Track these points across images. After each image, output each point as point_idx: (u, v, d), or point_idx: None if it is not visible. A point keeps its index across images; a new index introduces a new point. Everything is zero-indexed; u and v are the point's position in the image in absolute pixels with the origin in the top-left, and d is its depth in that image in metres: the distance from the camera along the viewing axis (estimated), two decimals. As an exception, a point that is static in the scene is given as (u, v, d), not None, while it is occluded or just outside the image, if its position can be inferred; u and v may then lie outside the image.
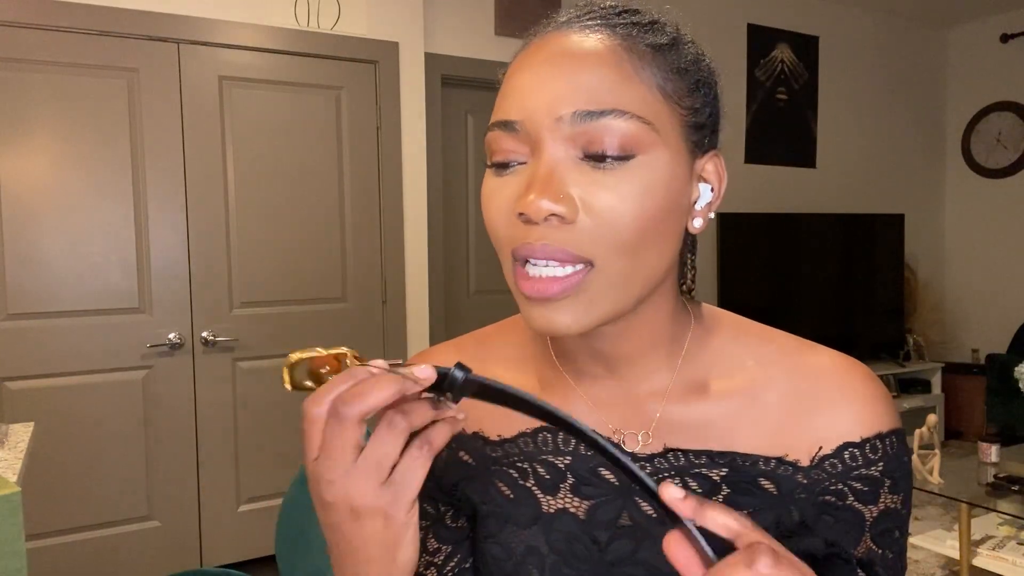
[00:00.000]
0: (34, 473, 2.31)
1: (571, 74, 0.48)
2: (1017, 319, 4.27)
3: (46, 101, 2.33)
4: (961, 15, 4.42)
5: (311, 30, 2.66)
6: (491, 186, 0.51)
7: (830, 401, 0.55)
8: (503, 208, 0.50)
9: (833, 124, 4.18)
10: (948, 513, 2.92)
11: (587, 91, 0.48)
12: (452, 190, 3.16)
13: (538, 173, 0.48)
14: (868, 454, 0.54)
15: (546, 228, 0.47)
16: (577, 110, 0.47)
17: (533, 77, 0.49)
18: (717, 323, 0.60)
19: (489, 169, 0.52)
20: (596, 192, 0.47)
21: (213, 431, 2.60)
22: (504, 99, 0.51)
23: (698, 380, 0.57)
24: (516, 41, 0.55)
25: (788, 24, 3.99)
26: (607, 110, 0.47)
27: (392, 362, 0.44)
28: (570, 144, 0.48)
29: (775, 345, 0.58)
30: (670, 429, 0.56)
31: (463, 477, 0.60)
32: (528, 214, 0.47)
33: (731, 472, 0.54)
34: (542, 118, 0.48)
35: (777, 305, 3.80)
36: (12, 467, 1.41)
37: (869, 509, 0.54)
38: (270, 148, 2.65)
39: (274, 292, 2.68)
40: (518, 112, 0.49)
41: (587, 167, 0.48)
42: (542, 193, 0.47)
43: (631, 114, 0.48)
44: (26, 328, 2.34)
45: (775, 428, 0.55)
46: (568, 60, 0.49)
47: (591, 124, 0.47)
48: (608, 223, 0.47)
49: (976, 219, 4.59)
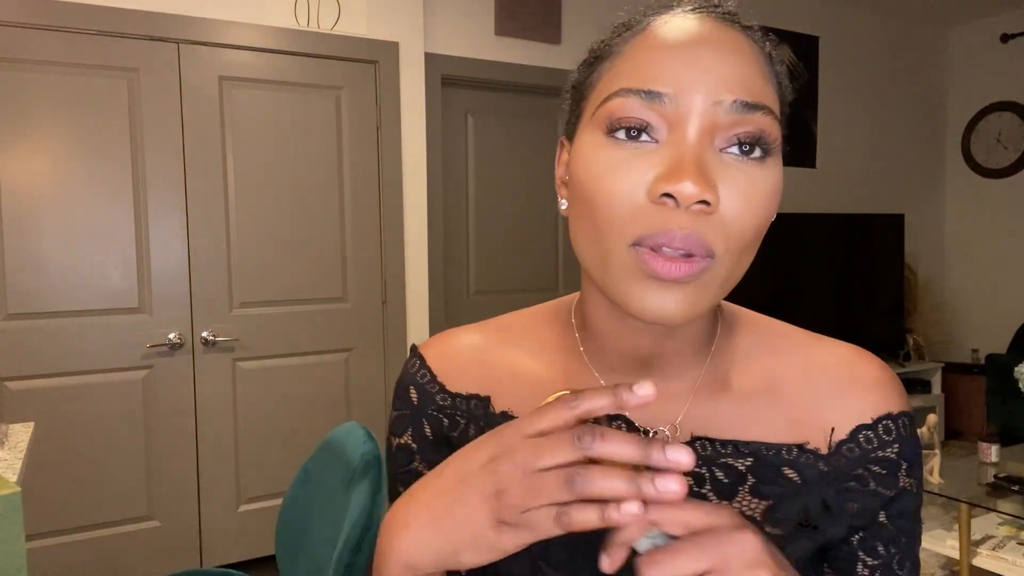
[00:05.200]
0: (34, 473, 2.31)
1: (734, 62, 0.48)
2: (1017, 319, 4.27)
3: (46, 101, 2.33)
4: (961, 15, 4.42)
5: (311, 30, 2.66)
6: (612, 158, 0.48)
7: (841, 388, 0.56)
8: (628, 186, 0.47)
9: (833, 124, 4.18)
10: (948, 513, 2.92)
11: (748, 82, 0.47)
12: (452, 190, 3.16)
13: (686, 156, 0.46)
14: (882, 435, 0.55)
15: (687, 215, 0.46)
16: (738, 99, 0.47)
17: (688, 56, 0.47)
18: (738, 321, 0.61)
19: (605, 136, 0.49)
20: (736, 185, 0.47)
21: (213, 431, 2.60)
22: (646, 68, 0.48)
23: (723, 376, 0.58)
24: (516, 41, 0.55)
25: (788, 24, 3.99)
26: (761, 104, 0.47)
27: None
28: (715, 131, 0.47)
29: (791, 340, 0.60)
30: (697, 423, 0.57)
31: None
32: (679, 198, 0.45)
33: (756, 462, 0.55)
34: (697, 97, 0.46)
35: (777, 305, 3.80)
36: (12, 467, 1.41)
37: (890, 493, 0.55)
38: (270, 148, 2.65)
39: (274, 292, 2.68)
40: (670, 84, 0.47)
41: (729, 158, 0.47)
42: (697, 179, 0.45)
43: (776, 115, 0.48)
44: (26, 328, 2.34)
45: (794, 419, 0.56)
46: (728, 48, 0.48)
47: (745, 116, 0.47)
48: (739, 218, 0.47)
49: (976, 219, 4.59)
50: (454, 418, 0.61)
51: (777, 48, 0.54)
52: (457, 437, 0.61)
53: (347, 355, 2.82)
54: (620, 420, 0.57)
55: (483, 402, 0.61)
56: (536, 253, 3.36)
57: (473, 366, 0.62)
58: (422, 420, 0.62)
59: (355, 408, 2.83)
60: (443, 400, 0.62)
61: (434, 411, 0.62)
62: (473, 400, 0.61)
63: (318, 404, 2.75)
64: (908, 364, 4.19)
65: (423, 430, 0.62)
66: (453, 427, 0.61)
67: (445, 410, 0.62)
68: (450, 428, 0.61)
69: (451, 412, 0.62)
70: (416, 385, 0.63)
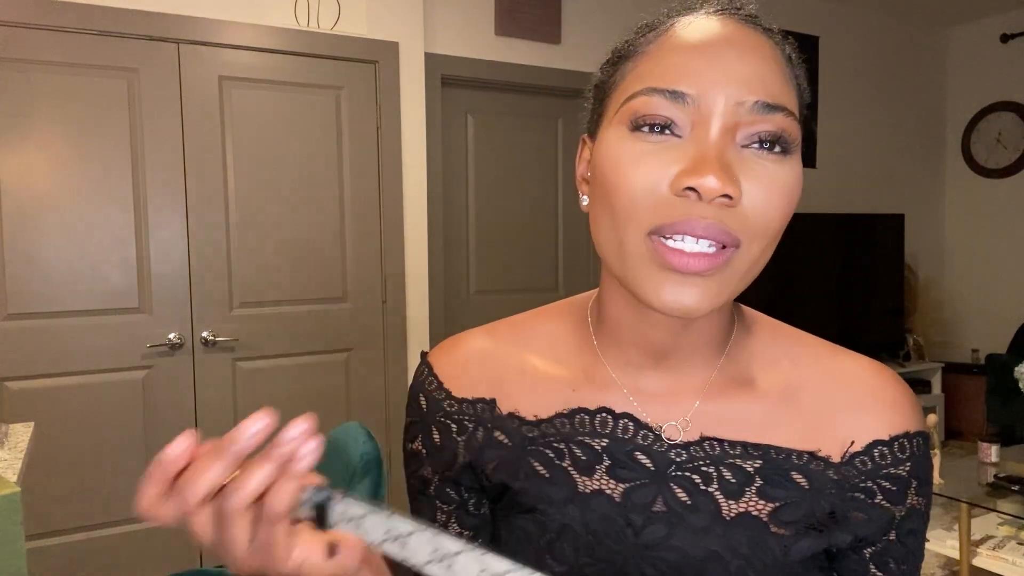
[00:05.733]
0: (34, 473, 2.31)
1: (755, 63, 0.49)
2: (1017, 319, 4.27)
3: (46, 101, 2.32)
4: (961, 15, 4.42)
5: (311, 30, 2.66)
6: (636, 150, 0.49)
7: (860, 403, 0.57)
8: (651, 177, 0.48)
9: (833, 124, 4.18)
10: (948, 513, 2.92)
11: (769, 84, 0.49)
12: (452, 190, 3.16)
13: (709, 152, 0.47)
14: (896, 453, 0.56)
15: (709, 207, 0.47)
16: (760, 100, 0.48)
17: (710, 57, 0.49)
18: (755, 323, 0.62)
19: (630, 131, 0.50)
20: (758, 180, 0.48)
21: (213, 431, 2.57)
22: (671, 68, 0.50)
23: (737, 376, 0.59)
24: (516, 41, 0.56)
25: (788, 24, 3.99)
26: (781, 106, 0.49)
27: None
28: (736, 129, 0.48)
29: (808, 348, 0.61)
30: (707, 421, 0.57)
31: (498, 458, 0.60)
32: (702, 192, 0.46)
33: (765, 464, 0.55)
34: (721, 98, 0.48)
35: (777, 305, 3.78)
36: (12, 467, 1.41)
37: (897, 509, 0.56)
38: (270, 148, 2.65)
39: (274, 292, 2.68)
40: (693, 85, 0.48)
41: (750, 154, 0.49)
42: (720, 174, 0.46)
43: (795, 116, 0.50)
44: (26, 328, 2.34)
45: (808, 426, 0.57)
46: (750, 49, 0.50)
47: (766, 116, 0.48)
48: (762, 210, 0.49)
49: (976, 219, 4.59)
50: (462, 423, 0.62)
51: (796, 52, 0.55)
52: (465, 441, 0.61)
53: (347, 355, 2.82)
54: (627, 417, 0.57)
55: (489, 405, 0.61)
56: (536, 253, 3.36)
57: (480, 370, 0.63)
58: (431, 427, 0.63)
59: (355, 408, 2.83)
60: (450, 406, 0.63)
61: (442, 418, 0.63)
62: (479, 404, 0.62)
63: (318, 404, 2.75)
64: (908, 364, 4.19)
65: (432, 437, 0.63)
66: (461, 432, 0.62)
67: (452, 416, 0.62)
68: (458, 433, 0.62)
69: (458, 417, 0.62)
70: (424, 393, 0.64)
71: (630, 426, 0.57)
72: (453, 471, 0.62)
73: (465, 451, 0.61)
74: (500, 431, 0.60)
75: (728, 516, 0.55)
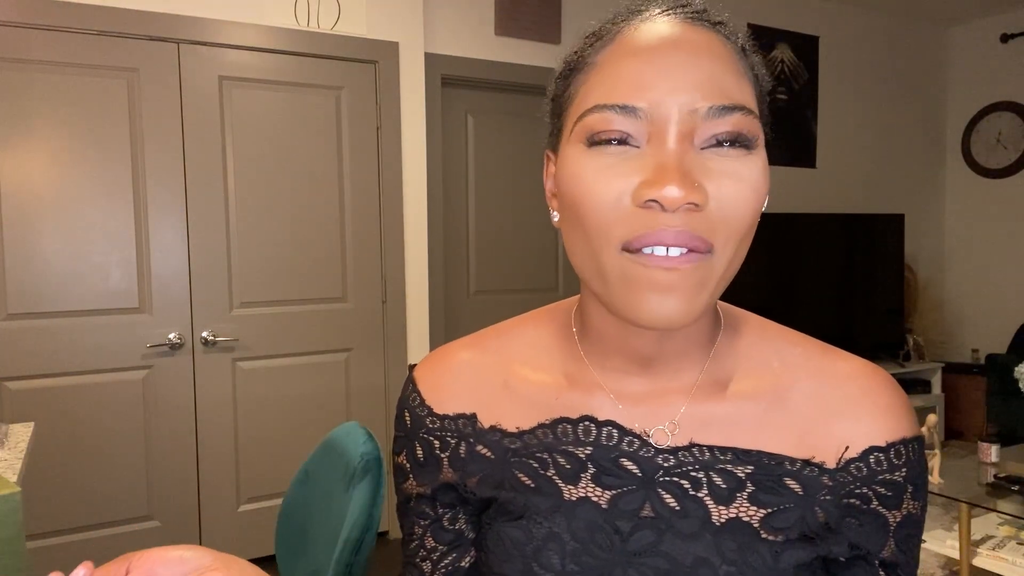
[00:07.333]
0: (34, 473, 2.31)
1: (706, 65, 0.48)
2: (1017, 319, 4.27)
3: (46, 101, 2.33)
4: (961, 15, 4.42)
5: (311, 30, 2.66)
6: (595, 166, 0.49)
7: (855, 407, 0.56)
8: (613, 191, 0.48)
9: (833, 124, 4.18)
10: (948, 513, 2.92)
11: (723, 85, 0.48)
12: (452, 190, 3.16)
13: (668, 162, 0.47)
14: (892, 459, 0.55)
15: (676, 215, 0.47)
16: (713, 105, 0.47)
17: (660, 65, 0.48)
18: (743, 323, 0.61)
19: (587, 148, 0.49)
20: (722, 180, 0.48)
21: (213, 431, 2.60)
22: (620, 81, 0.49)
23: (725, 379, 0.58)
24: (516, 41, 0.55)
25: (788, 24, 3.99)
26: (737, 106, 0.48)
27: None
28: (693, 133, 0.48)
29: (800, 348, 0.59)
30: (696, 425, 0.56)
31: (482, 471, 0.60)
32: (665, 203, 0.46)
33: (757, 470, 0.55)
34: (674, 108, 0.47)
35: (777, 305, 3.80)
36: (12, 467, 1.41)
37: (893, 514, 0.55)
38: (270, 148, 2.65)
39: (274, 292, 2.68)
40: (643, 99, 0.48)
41: (710, 155, 0.48)
42: (681, 183, 0.46)
43: (754, 113, 0.49)
44: (26, 328, 2.34)
45: (801, 430, 0.56)
46: (700, 50, 0.49)
47: (722, 118, 0.48)
48: (730, 209, 0.48)
49: (976, 219, 4.59)
50: (444, 439, 0.62)
51: (750, 41, 0.54)
52: (449, 457, 0.62)
53: (347, 355, 2.82)
54: (611, 424, 0.57)
55: (470, 419, 0.61)
56: (536, 253, 3.36)
57: (463, 384, 0.63)
58: (414, 443, 0.64)
59: (355, 408, 2.83)
60: (432, 423, 0.63)
61: (424, 434, 0.63)
62: (460, 419, 0.62)
63: (318, 404, 2.75)
64: (908, 364, 4.18)
65: (415, 453, 0.64)
66: (444, 448, 0.62)
67: (434, 432, 0.63)
68: (441, 449, 0.62)
69: (440, 434, 0.62)
70: (409, 408, 0.65)
71: (614, 433, 0.57)
72: (435, 487, 0.62)
73: (449, 466, 0.61)
74: (482, 445, 0.60)
75: (718, 522, 0.54)
